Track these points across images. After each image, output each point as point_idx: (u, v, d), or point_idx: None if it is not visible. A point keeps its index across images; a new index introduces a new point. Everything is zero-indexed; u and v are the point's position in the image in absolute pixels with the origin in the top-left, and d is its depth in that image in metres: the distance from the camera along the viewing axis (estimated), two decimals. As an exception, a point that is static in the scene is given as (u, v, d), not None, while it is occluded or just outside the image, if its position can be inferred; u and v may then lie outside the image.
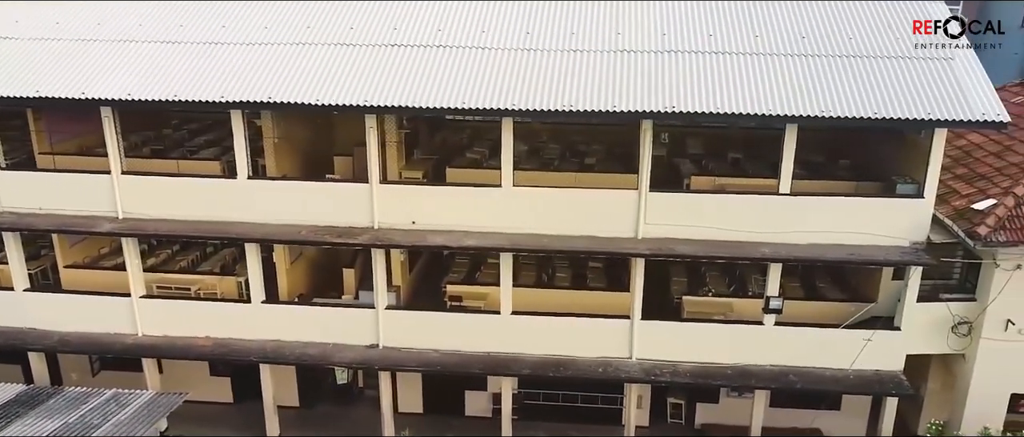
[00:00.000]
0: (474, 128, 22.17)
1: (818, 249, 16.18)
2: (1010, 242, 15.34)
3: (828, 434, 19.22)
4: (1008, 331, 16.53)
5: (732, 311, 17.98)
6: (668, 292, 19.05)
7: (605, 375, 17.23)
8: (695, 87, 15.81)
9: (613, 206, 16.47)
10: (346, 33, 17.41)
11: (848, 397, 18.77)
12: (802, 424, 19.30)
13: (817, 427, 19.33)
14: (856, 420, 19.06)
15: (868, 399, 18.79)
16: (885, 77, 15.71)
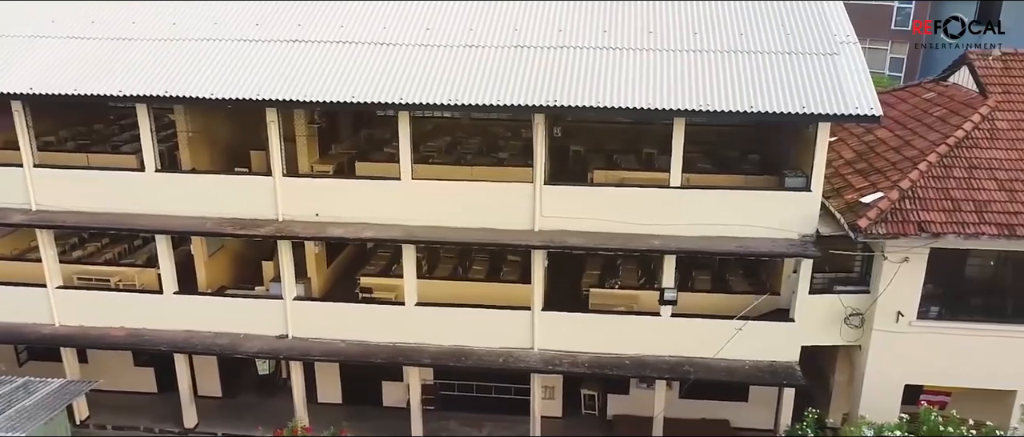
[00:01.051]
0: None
1: (708, 241, 16.45)
2: (890, 234, 15.57)
3: (735, 425, 19.49)
4: (899, 323, 16.74)
5: (637, 303, 18.25)
6: (580, 284, 19.35)
7: (505, 365, 17.53)
8: (588, 82, 16.11)
9: (509, 199, 16.75)
10: (252, 30, 17.77)
11: (756, 388, 19.04)
12: (711, 415, 19.57)
13: (725, 418, 19.60)
14: (764, 411, 19.30)
15: (775, 391, 19.03)
16: (771, 72, 15.98)
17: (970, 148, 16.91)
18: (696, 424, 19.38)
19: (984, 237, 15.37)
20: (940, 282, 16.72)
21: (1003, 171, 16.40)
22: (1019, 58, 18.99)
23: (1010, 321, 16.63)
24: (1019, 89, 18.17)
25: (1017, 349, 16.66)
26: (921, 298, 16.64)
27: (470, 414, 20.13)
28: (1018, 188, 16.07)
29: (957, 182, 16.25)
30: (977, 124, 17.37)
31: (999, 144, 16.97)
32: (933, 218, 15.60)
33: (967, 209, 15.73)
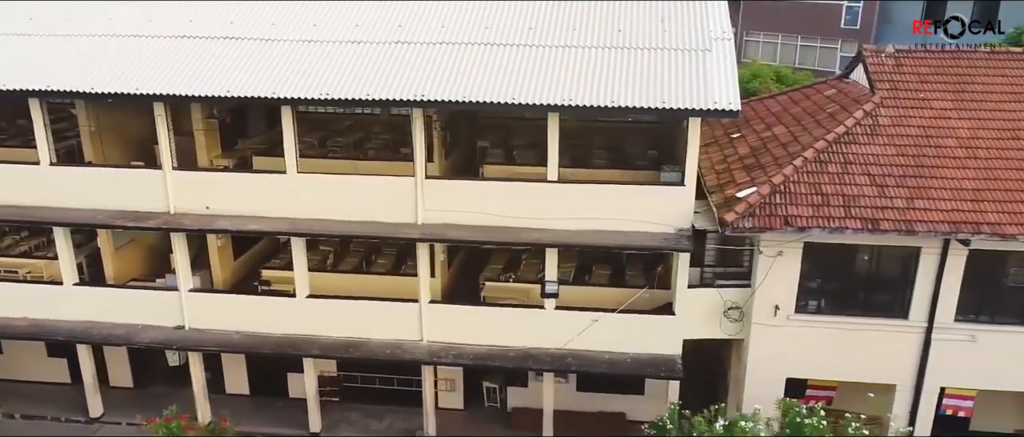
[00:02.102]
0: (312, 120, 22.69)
1: (584, 235, 16.65)
2: (756, 228, 15.75)
3: (631, 418, 19.67)
4: (777, 316, 16.92)
5: (528, 297, 18.45)
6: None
7: (392, 356, 17.80)
8: (466, 77, 16.35)
9: (392, 193, 17.01)
10: (144, 25, 18.09)
11: (651, 382, 19.23)
12: (608, 408, 19.78)
13: (622, 411, 19.80)
14: (659, 403, 19.39)
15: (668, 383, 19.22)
16: (642, 68, 16.21)
17: (849, 144, 17.05)
18: (593, 417, 19.61)
19: (849, 231, 15.52)
20: (818, 276, 16.93)
21: (877, 166, 16.55)
22: (912, 55, 19.10)
23: (887, 315, 16.78)
24: (907, 86, 18.29)
25: (894, 343, 16.81)
26: (800, 292, 16.83)
27: (373, 406, 20.39)
28: (890, 183, 16.22)
29: (830, 177, 16.41)
30: (859, 120, 17.52)
31: (878, 140, 17.11)
32: (800, 212, 15.77)
33: (836, 204, 15.90)
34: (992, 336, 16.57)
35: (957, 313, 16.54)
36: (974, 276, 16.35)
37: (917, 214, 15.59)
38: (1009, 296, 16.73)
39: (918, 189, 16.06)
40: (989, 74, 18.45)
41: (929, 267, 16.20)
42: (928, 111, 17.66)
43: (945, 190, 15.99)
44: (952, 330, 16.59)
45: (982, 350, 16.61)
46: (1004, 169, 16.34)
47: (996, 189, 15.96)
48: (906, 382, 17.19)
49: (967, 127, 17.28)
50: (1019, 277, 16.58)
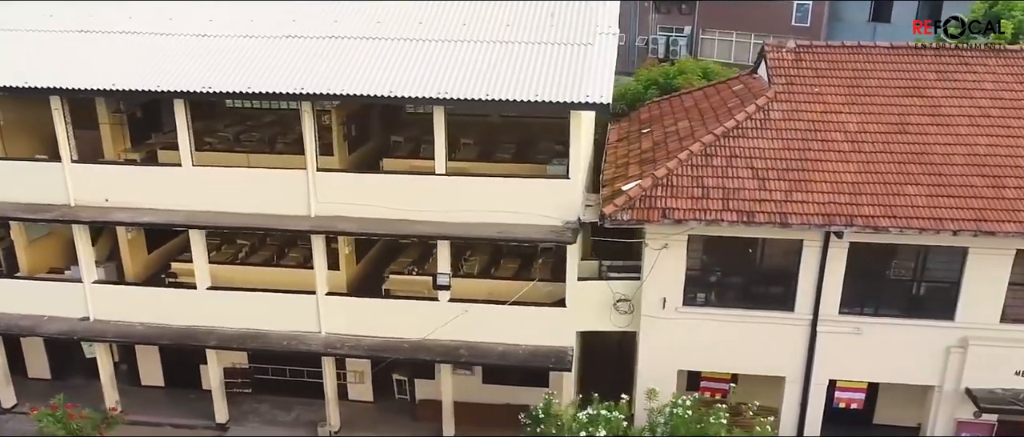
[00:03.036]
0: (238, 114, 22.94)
1: (474, 227, 16.83)
2: (634, 220, 15.90)
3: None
4: (666, 309, 17.06)
5: (429, 290, 18.63)
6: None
7: (290, 347, 18.00)
8: (356, 71, 16.54)
9: (285, 185, 17.20)
10: (45, 20, 18.32)
11: (555, 373, 19.36)
12: (514, 400, 19.88)
13: (528, 403, 19.87)
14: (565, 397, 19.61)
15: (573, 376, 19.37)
16: (528, 62, 16.40)
17: (737, 138, 17.18)
18: (498, 409, 19.72)
19: (725, 223, 15.65)
20: (705, 269, 17.06)
21: (761, 160, 16.67)
22: (813, 50, 19.22)
23: (774, 308, 16.90)
24: (803, 80, 18.41)
25: (782, 335, 16.93)
26: (687, 285, 16.97)
27: (283, 398, 20.61)
28: (772, 176, 16.33)
29: (714, 171, 16.53)
30: (750, 114, 17.65)
31: (767, 134, 17.24)
32: (678, 205, 15.90)
33: (715, 196, 16.02)
34: (877, 328, 16.70)
35: (842, 306, 16.65)
36: (857, 269, 16.48)
37: (793, 207, 15.71)
38: (892, 289, 16.84)
39: (798, 182, 16.17)
40: (886, 69, 18.56)
41: (812, 260, 16.32)
42: (819, 105, 17.78)
43: (825, 183, 16.11)
44: (837, 322, 16.71)
45: (867, 342, 16.74)
46: (886, 163, 16.45)
47: (875, 182, 16.06)
48: (795, 374, 17.31)
49: (856, 121, 17.39)
50: (902, 270, 16.68)
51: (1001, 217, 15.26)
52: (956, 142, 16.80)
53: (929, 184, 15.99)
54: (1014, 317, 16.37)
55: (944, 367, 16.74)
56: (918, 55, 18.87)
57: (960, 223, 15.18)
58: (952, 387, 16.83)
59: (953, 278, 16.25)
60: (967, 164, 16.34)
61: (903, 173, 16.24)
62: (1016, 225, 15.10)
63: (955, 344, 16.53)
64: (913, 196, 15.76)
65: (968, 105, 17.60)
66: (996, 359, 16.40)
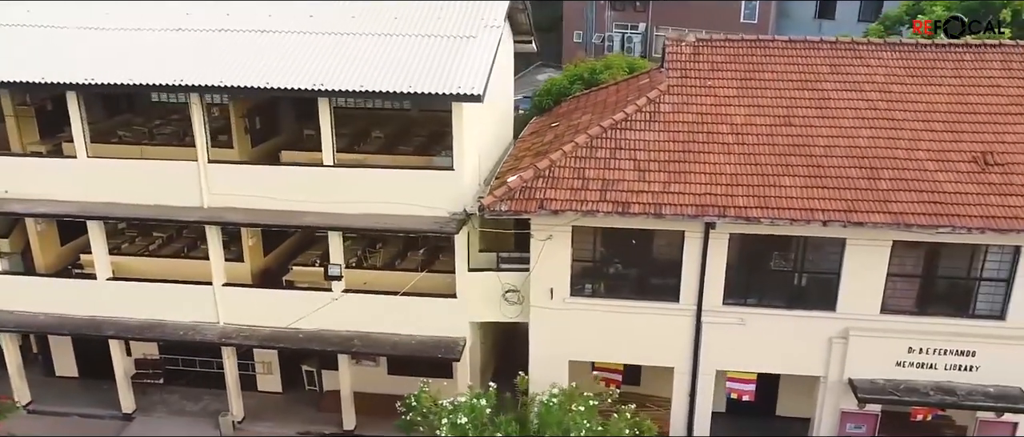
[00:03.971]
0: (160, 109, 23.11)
1: (362, 218, 16.98)
2: (512, 211, 16.03)
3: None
4: (554, 299, 17.20)
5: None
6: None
7: (187, 337, 18.20)
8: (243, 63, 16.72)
9: (177, 177, 17.39)
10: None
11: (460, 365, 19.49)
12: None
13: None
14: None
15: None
16: (411, 54, 16.58)
17: (624, 130, 17.31)
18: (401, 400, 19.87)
19: (600, 214, 15.78)
20: (592, 260, 17.19)
21: (645, 152, 16.79)
22: (712, 44, 19.35)
23: (660, 299, 17.02)
24: (697, 74, 18.53)
25: (668, 326, 17.06)
26: (575, 276, 17.10)
27: (194, 389, 20.79)
28: (653, 168, 16.47)
29: (596, 162, 16.66)
30: (640, 107, 17.78)
31: (654, 126, 17.37)
32: (557, 196, 16.03)
33: (594, 187, 16.15)
34: (761, 319, 16.82)
35: (726, 297, 16.78)
36: (740, 260, 16.64)
37: (669, 198, 15.83)
38: (775, 280, 16.97)
39: (678, 174, 16.29)
40: (781, 62, 18.67)
41: (694, 251, 16.45)
42: (710, 98, 17.91)
43: (703, 175, 16.22)
44: (721, 313, 16.85)
45: (752, 333, 16.86)
46: (767, 155, 16.57)
47: (753, 174, 16.17)
48: (683, 365, 17.45)
49: (744, 114, 17.52)
50: (783, 262, 16.81)
51: (872, 208, 15.37)
52: (839, 134, 16.92)
53: (806, 175, 16.10)
54: (894, 308, 16.50)
55: (827, 358, 16.87)
56: (814, 49, 18.98)
57: (830, 214, 15.30)
58: (836, 378, 16.95)
59: (833, 269, 16.37)
60: (846, 156, 16.46)
61: (782, 165, 16.36)
62: (885, 216, 15.22)
63: (837, 335, 16.66)
64: (788, 187, 15.88)
65: (856, 98, 17.71)
66: (877, 350, 16.52)
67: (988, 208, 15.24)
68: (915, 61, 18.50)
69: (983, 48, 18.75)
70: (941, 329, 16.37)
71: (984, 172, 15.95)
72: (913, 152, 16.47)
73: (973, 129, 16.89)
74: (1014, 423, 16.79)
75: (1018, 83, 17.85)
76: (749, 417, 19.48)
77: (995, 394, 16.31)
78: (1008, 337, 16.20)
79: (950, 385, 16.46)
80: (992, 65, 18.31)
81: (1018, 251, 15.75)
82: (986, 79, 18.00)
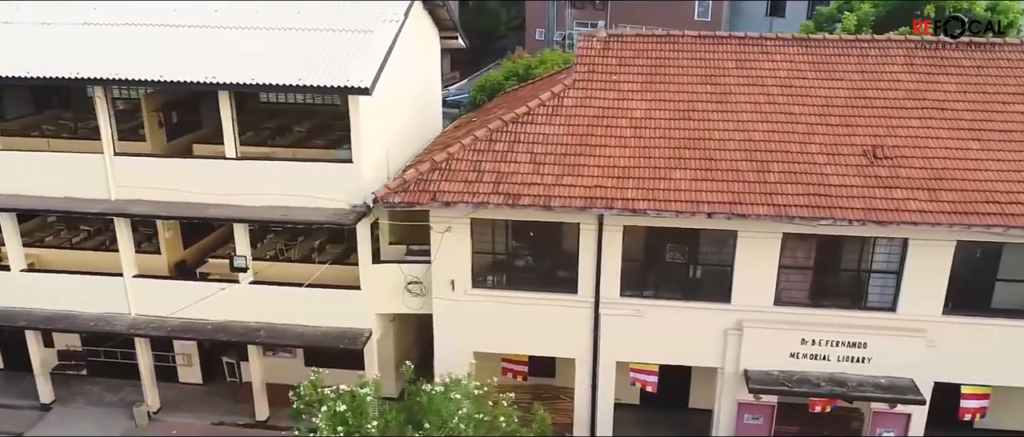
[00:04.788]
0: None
1: (265, 210, 17.16)
2: (405, 203, 16.22)
3: (356, 393, 20.13)
4: (456, 291, 17.38)
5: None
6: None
7: (97, 328, 18.40)
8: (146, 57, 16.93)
9: (84, 169, 17.57)
10: None
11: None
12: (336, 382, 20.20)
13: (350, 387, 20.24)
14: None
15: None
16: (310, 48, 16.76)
17: (525, 123, 17.49)
18: (319, 391, 20.06)
19: (491, 206, 15.96)
20: (493, 252, 17.35)
21: (542, 145, 16.97)
22: (622, 39, 19.50)
23: (560, 290, 17.19)
24: (604, 69, 18.70)
25: (568, 318, 17.21)
26: (476, 267, 17.27)
27: (116, 380, 20.94)
28: (548, 161, 16.64)
29: (494, 155, 16.84)
30: (544, 101, 17.97)
31: (556, 120, 17.54)
32: (450, 188, 16.22)
33: (488, 180, 16.33)
34: (658, 311, 16.99)
35: (623, 289, 16.96)
36: (636, 253, 16.82)
37: (561, 190, 16.01)
38: (671, 272, 17.15)
39: (572, 167, 16.47)
40: (688, 57, 18.85)
41: (590, 243, 16.62)
42: (612, 92, 18.09)
43: (597, 168, 16.40)
44: (618, 305, 17.01)
45: (650, 325, 17.02)
46: (662, 148, 16.74)
47: (646, 167, 16.36)
48: (584, 357, 17.62)
49: (644, 107, 17.69)
50: (678, 254, 16.98)
51: (758, 200, 15.54)
52: (735, 128, 17.09)
53: (698, 168, 16.28)
54: (787, 300, 16.67)
55: (723, 349, 17.03)
56: (722, 44, 19.15)
57: (715, 206, 15.48)
58: (732, 369, 17.11)
59: (727, 262, 16.54)
60: (740, 150, 16.63)
61: (676, 158, 16.54)
62: (769, 208, 15.39)
63: (732, 327, 16.82)
64: (679, 180, 16.05)
65: (757, 92, 17.89)
66: (770, 341, 16.68)
67: (871, 201, 15.41)
68: (819, 56, 18.66)
69: (888, 43, 18.92)
70: (833, 321, 16.54)
71: (872, 165, 16.11)
72: (806, 146, 16.64)
73: (868, 123, 17.07)
74: (908, 415, 16.93)
75: (917, 78, 18.03)
76: (661, 409, 19.69)
77: (886, 385, 16.46)
78: (898, 329, 16.36)
79: (842, 376, 16.60)
80: (896, 60, 18.48)
81: (906, 244, 15.91)
82: (887, 74, 18.17)
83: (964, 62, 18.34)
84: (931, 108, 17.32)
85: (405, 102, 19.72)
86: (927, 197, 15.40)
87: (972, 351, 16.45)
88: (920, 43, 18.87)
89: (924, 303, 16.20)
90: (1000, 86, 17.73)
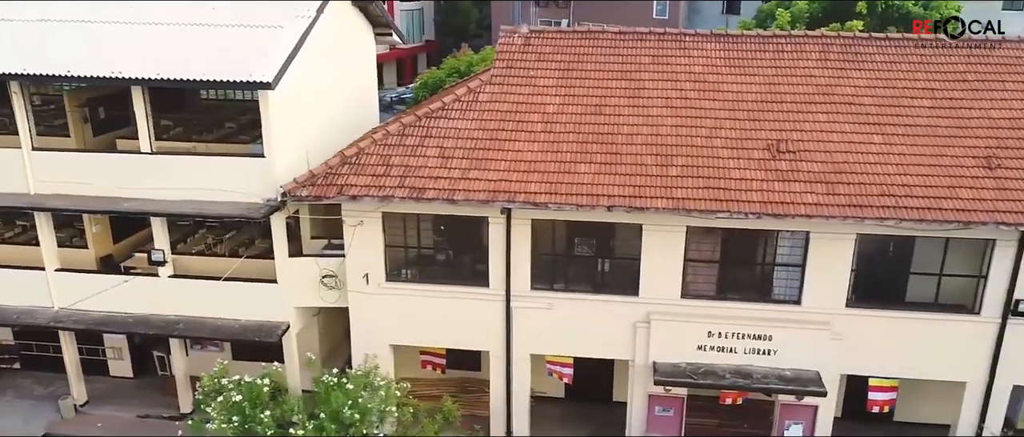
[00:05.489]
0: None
1: (174, 204, 17.31)
2: (311, 197, 16.39)
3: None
4: (370, 284, 17.54)
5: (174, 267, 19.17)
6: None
7: (19, 321, 18.62)
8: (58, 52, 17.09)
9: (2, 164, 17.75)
10: None
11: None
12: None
13: (275, 379, 20.44)
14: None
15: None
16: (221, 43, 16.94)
17: (438, 118, 17.65)
18: (247, 384, 20.25)
19: (396, 199, 16.12)
20: (406, 246, 17.52)
21: (453, 139, 17.12)
22: (544, 35, 19.65)
23: (472, 284, 17.34)
24: (523, 63, 18.85)
25: (481, 311, 17.35)
26: (389, 261, 17.45)
27: (48, 374, 21.11)
28: (458, 156, 16.79)
29: (405, 149, 17.00)
30: (459, 96, 18.14)
31: (468, 115, 17.69)
32: (358, 182, 16.38)
33: (395, 173, 16.49)
34: (568, 304, 17.15)
35: (533, 282, 17.11)
36: (545, 246, 16.99)
37: (466, 184, 16.16)
38: (580, 265, 17.33)
39: (480, 161, 16.62)
40: (607, 53, 18.98)
41: (499, 237, 16.77)
42: (528, 88, 18.23)
43: (504, 162, 16.54)
44: (529, 298, 17.17)
45: (562, 318, 17.18)
46: (570, 142, 16.89)
47: (552, 161, 16.50)
48: (498, 350, 17.76)
49: (557, 103, 17.84)
50: (586, 247, 17.15)
51: (657, 194, 15.69)
52: (644, 123, 17.23)
53: (602, 163, 16.43)
54: (695, 293, 16.82)
55: (633, 342, 17.18)
56: (642, 40, 19.28)
57: (614, 200, 15.63)
58: (642, 362, 17.25)
59: (635, 255, 16.69)
60: (646, 144, 16.77)
61: (582, 152, 16.69)
62: (667, 201, 15.53)
63: (641, 319, 16.97)
64: (582, 174, 16.20)
65: (669, 88, 18.03)
66: (678, 334, 16.82)
67: (769, 194, 15.55)
68: (736, 52, 18.80)
69: (804, 39, 19.06)
70: (740, 314, 16.69)
71: (774, 160, 16.25)
72: (711, 140, 16.79)
73: (775, 118, 17.21)
74: (814, 407, 17.07)
75: (830, 73, 18.17)
76: (585, 403, 19.89)
77: (790, 377, 16.60)
78: (803, 321, 16.51)
79: (748, 368, 16.74)
80: (810, 56, 18.62)
81: (808, 237, 16.06)
82: (800, 69, 18.31)
83: (877, 57, 18.49)
84: (839, 103, 17.47)
85: (331, 97, 19.88)
86: (824, 190, 15.55)
87: (878, 344, 16.61)
88: (836, 39, 19.03)
89: (828, 296, 16.35)
90: (909, 81, 17.88)
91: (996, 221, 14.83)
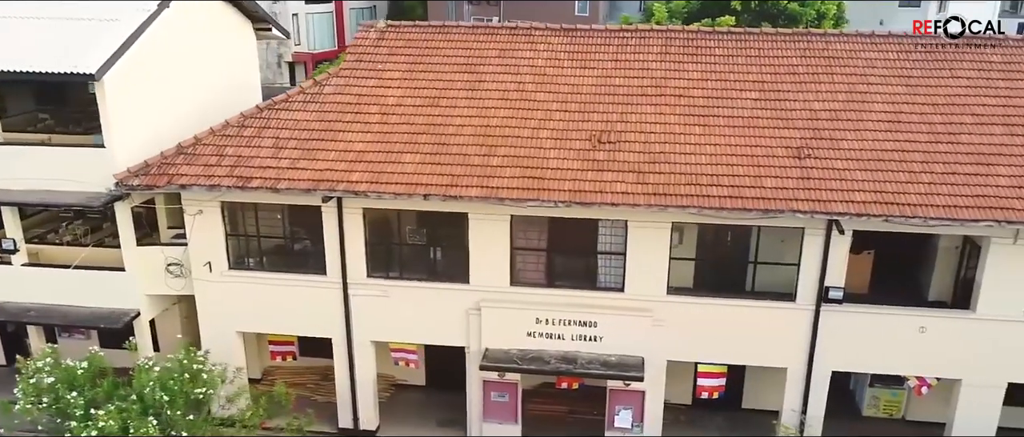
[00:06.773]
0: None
1: (21, 193, 17.69)
2: (143, 186, 16.77)
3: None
4: (213, 273, 17.92)
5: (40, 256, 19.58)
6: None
7: None
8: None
9: None
10: None
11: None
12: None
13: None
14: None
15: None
16: (55, 36, 17.28)
17: (281, 110, 18.03)
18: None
19: (222, 188, 16.49)
20: (246, 235, 17.90)
21: (289, 130, 17.50)
22: (398, 29, 20.07)
23: (312, 272, 17.69)
24: (374, 57, 19.24)
25: (320, 298, 17.70)
26: (232, 250, 17.84)
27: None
28: (290, 146, 17.13)
29: (241, 140, 17.37)
30: (305, 89, 18.53)
31: (309, 107, 18.07)
32: (191, 171, 16.76)
33: (227, 163, 16.86)
34: (404, 292, 17.51)
35: (369, 270, 17.49)
36: (379, 235, 17.37)
37: (293, 174, 16.53)
38: (414, 254, 17.70)
39: (310, 151, 16.99)
40: (456, 47, 19.36)
41: (332, 226, 17.14)
42: (373, 80, 18.62)
43: (334, 152, 16.92)
44: (366, 286, 17.53)
45: (399, 305, 17.54)
46: (402, 133, 17.26)
47: (381, 151, 16.87)
48: (339, 336, 18.12)
49: (398, 95, 18.22)
50: (418, 236, 17.52)
51: (474, 183, 16.05)
52: (477, 114, 17.61)
53: (428, 153, 16.80)
54: (523, 281, 17.19)
55: (467, 329, 17.54)
56: (493, 34, 19.67)
57: (429, 188, 16.00)
58: (476, 348, 17.60)
59: (464, 244, 17.05)
60: (475, 134, 17.14)
61: (411, 143, 17.06)
62: (481, 190, 15.90)
63: (472, 307, 17.32)
64: (407, 163, 16.57)
65: (509, 81, 18.40)
66: (507, 321, 17.18)
67: (581, 183, 15.91)
68: (580, 46, 19.17)
69: (649, 33, 19.43)
70: (566, 301, 17.05)
71: (595, 150, 16.61)
72: (538, 131, 17.15)
73: (605, 109, 17.58)
74: (642, 392, 17.42)
75: (667, 66, 18.54)
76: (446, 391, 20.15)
77: (616, 362, 16.96)
78: (626, 308, 16.87)
79: (575, 354, 17.10)
80: (651, 49, 18.99)
81: (627, 226, 16.42)
82: (638, 62, 18.67)
83: (717, 51, 18.85)
84: (670, 95, 17.83)
85: (195, 91, 20.18)
86: (634, 180, 15.91)
87: (701, 331, 16.97)
88: (680, 33, 19.39)
89: (649, 284, 16.71)
90: (742, 74, 18.24)
91: (792, 209, 15.19)
